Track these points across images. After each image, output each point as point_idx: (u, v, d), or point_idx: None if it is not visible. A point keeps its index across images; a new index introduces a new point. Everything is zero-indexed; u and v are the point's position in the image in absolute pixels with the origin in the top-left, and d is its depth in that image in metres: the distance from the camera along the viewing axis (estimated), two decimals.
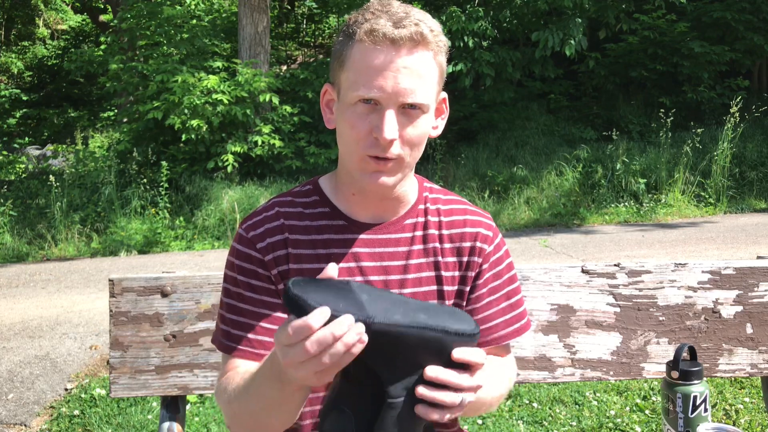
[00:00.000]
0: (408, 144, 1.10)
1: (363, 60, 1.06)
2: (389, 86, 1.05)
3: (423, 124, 1.11)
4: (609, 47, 11.35)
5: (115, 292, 1.57)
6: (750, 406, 3.04)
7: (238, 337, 1.17)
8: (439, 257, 1.21)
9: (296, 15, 17.38)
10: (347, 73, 1.09)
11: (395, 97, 1.06)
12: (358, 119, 1.08)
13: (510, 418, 3.02)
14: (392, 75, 1.05)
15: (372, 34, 1.06)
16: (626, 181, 9.19)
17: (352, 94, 1.07)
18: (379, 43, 1.06)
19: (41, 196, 8.89)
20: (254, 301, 1.17)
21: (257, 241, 1.17)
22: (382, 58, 1.06)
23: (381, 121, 1.06)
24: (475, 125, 11.20)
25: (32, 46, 19.81)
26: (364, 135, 1.08)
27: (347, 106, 1.09)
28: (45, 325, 4.53)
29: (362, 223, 1.20)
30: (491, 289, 1.24)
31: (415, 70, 1.07)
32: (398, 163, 1.11)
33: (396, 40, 1.05)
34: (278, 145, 8.94)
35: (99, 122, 14.38)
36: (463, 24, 10.02)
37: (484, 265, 1.22)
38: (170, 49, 9.74)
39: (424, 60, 1.08)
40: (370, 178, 1.11)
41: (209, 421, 3.06)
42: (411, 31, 1.06)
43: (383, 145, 1.08)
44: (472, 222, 1.24)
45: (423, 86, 1.08)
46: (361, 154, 1.10)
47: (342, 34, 1.12)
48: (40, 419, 3.26)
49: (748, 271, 1.64)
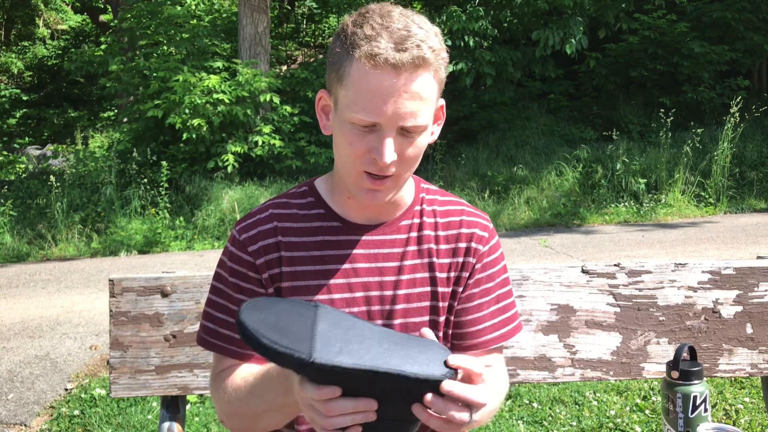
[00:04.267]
0: (406, 162, 1.10)
1: (363, 83, 1.03)
2: (389, 111, 1.03)
3: (422, 141, 1.10)
4: (609, 47, 11.35)
5: (115, 292, 1.57)
6: (750, 406, 3.04)
7: (225, 337, 1.18)
8: (434, 258, 1.20)
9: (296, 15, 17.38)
10: (346, 91, 1.06)
11: (395, 120, 1.04)
12: (356, 138, 1.07)
13: (510, 418, 3.02)
14: (393, 100, 1.03)
15: (373, 59, 1.02)
16: (626, 181, 9.19)
17: (352, 114, 1.05)
18: (380, 67, 1.02)
19: (41, 196, 8.89)
20: (241, 303, 1.17)
21: (249, 244, 1.17)
22: (382, 82, 1.03)
23: (381, 144, 1.05)
24: (475, 125, 11.20)
25: (32, 46, 19.81)
26: (361, 153, 1.07)
27: (345, 122, 1.07)
28: (45, 325, 4.53)
29: (358, 224, 1.20)
30: (483, 291, 1.23)
31: (416, 93, 1.05)
32: (395, 180, 1.11)
33: (397, 66, 1.02)
34: (278, 145, 8.94)
35: (99, 122, 14.39)
36: (463, 24, 10.01)
37: (477, 265, 1.22)
38: (170, 48, 9.74)
39: (425, 82, 1.06)
40: (366, 194, 1.11)
41: (209, 421, 3.06)
42: (413, 55, 1.03)
43: (381, 167, 1.07)
44: (468, 223, 1.23)
45: (423, 109, 1.06)
46: (359, 170, 1.09)
47: (339, 42, 1.08)
48: (40, 419, 3.26)
49: (748, 271, 1.64)
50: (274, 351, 0.84)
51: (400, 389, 0.85)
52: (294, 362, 0.84)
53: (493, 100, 11.23)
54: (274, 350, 0.84)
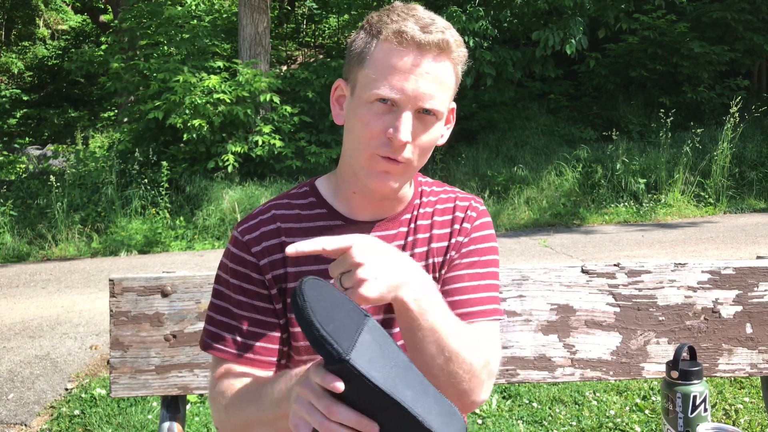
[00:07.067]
0: (419, 149, 1.10)
1: (386, 59, 1.06)
2: (410, 89, 1.05)
3: (435, 131, 1.11)
4: (609, 47, 11.35)
5: (116, 292, 1.57)
6: (750, 406, 3.04)
7: (227, 340, 1.17)
8: (432, 244, 1.22)
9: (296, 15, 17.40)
10: (367, 71, 1.08)
11: (414, 100, 1.06)
12: (373, 117, 1.08)
13: (510, 417, 3.02)
14: (414, 78, 1.05)
15: (400, 35, 1.06)
16: (626, 181, 9.19)
17: (371, 92, 1.07)
18: (406, 44, 1.06)
19: (42, 196, 8.89)
20: (245, 305, 1.17)
21: (252, 245, 1.17)
22: (406, 59, 1.06)
23: (398, 122, 1.06)
24: (475, 125, 11.21)
25: (33, 47, 19.82)
26: (377, 134, 1.08)
27: (362, 104, 1.09)
28: (45, 324, 4.53)
29: (360, 221, 1.20)
30: (468, 264, 1.21)
31: (437, 77, 1.07)
32: (406, 167, 1.11)
33: (423, 45, 1.06)
34: (278, 145, 8.94)
35: (99, 122, 14.39)
36: (463, 24, 10.01)
37: (464, 240, 1.22)
38: (171, 49, 9.74)
39: (446, 69, 1.09)
40: (377, 177, 1.11)
41: (209, 420, 3.06)
42: (438, 38, 1.06)
43: (396, 147, 1.07)
44: (460, 207, 1.25)
45: (441, 93, 1.08)
46: (371, 152, 1.09)
47: (363, 31, 1.12)
48: (40, 419, 3.26)
49: (748, 271, 1.64)
50: (318, 332, 0.82)
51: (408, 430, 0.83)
52: (330, 351, 0.81)
53: (493, 100, 11.24)
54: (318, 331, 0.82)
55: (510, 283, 1.60)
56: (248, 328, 1.16)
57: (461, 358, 1.06)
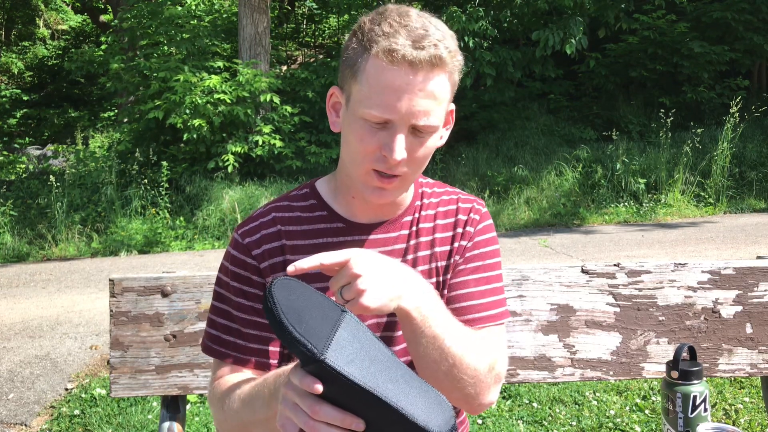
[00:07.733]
0: (415, 163, 1.09)
1: (378, 78, 1.03)
2: (404, 108, 1.03)
3: (432, 142, 1.10)
4: (609, 47, 11.35)
5: (116, 292, 1.57)
6: (750, 405, 3.04)
7: (228, 343, 1.17)
8: (435, 248, 1.21)
9: (296, 15, 17.40)
10: (360, 87, 1.05)
11: (408, 118, 1.04)
12: (367, 134, 1.06)
13: (510, 417, 3.02)
14: (408, 97, 1.03)
15: (390, 54, 1.02)
16: (626, 181, 9.19)
17: (365, 110, 1.05)
18: (397, 63, 1.02)
19: (42, 196, 8.90)
20: (245, 308, 1.17)
21: (253, 248, 1.17)
22: (398, 79, 1.02)
23: (392, 141, 1.05)
24: (475, 125, 11.21)
25: (33, 47, 19.81)
26: (372, 150, 1.07)
27: (357, 118, 1.07)
28: (45, 325, 4.53)
29: (361, 224, 1.19)
30: (473, 269, 1.21)
31: (431, 93, 1.05)
32: (403, 180, 1.11)
33: (414, 63, 1.02)
34: (279, 145, 8.94)
35: (99, 122, 14.38)
36: (463, 24, 10.01)
37: (468, 244, 1.22)
38: (171, 49, 9.74)
39: (440, 82, 1.06)
40: (373, 191, 1.11)
41: (209, 420, 3.06)
42: (430, 54, 1.03)
43: (391, 164, 1.07)
44: (463, 209, 1.24)
45: (436, 107, 1.06)
46: (367, 168, 1.09)
47: (355, 39, 1.08)
48: (40, 419, 3.26)
49: (748, 271, 1.64)
50: (290, 334, 0.81)
51: (394, 425, 0.82)
52: (304, 352, 0.81)
53: (493, 100, 11.24)
54: (290, 333, 0.81)
55: (510, 283, 1.60)
56: (249, 331, 1.16)
57: (465, 364, 1.06)
